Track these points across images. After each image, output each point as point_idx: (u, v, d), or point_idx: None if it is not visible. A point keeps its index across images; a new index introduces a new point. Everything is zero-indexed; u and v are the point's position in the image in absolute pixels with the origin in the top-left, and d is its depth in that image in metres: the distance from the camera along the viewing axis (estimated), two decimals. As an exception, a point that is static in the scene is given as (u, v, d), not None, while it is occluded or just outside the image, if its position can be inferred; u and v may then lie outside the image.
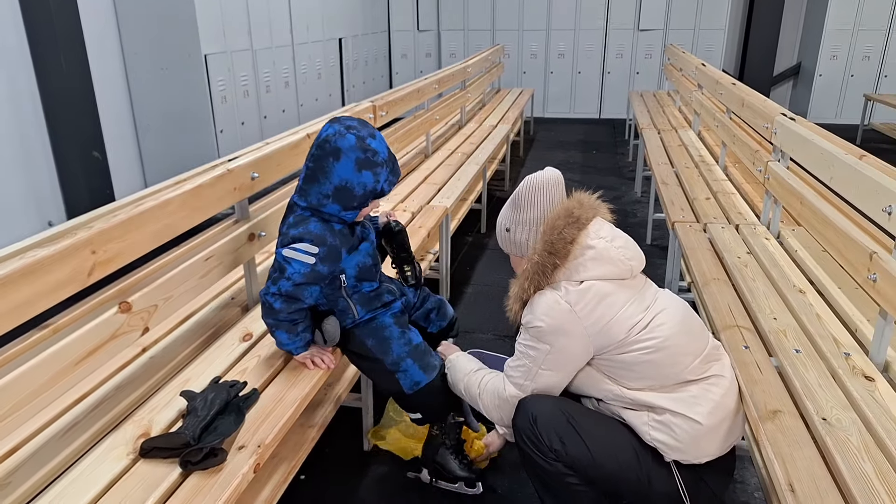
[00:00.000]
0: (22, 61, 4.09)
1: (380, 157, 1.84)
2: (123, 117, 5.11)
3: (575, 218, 1.75)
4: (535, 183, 1.82)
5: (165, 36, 4.98)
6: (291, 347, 1.97)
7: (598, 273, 1.74)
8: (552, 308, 1.73)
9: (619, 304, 1.73)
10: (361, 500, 2.28)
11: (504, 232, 1.89)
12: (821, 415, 1.65)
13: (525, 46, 9.46)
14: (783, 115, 2.96)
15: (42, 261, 1.39)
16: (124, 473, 1.54)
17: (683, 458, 1.73)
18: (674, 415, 1.70)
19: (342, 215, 1.89)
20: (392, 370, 2.02)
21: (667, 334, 1.72)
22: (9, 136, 4.05)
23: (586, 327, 1.72)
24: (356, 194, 1.84)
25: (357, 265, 1.98)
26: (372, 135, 1.86)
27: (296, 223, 1.88)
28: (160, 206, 1.78)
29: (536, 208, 1.82)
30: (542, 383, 1.82)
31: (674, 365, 1.73)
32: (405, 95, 4.15)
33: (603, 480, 1.78)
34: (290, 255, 1.84)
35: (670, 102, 6.76)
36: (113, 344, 1.63)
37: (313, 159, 1.87)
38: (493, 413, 1.94)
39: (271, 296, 1.87)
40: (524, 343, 1.81)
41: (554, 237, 1.74)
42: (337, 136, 1.82)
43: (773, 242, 2.81)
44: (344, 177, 1.82)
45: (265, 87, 6.07)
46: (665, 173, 4.12)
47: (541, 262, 1.74)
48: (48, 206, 4.38)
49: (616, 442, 1.76)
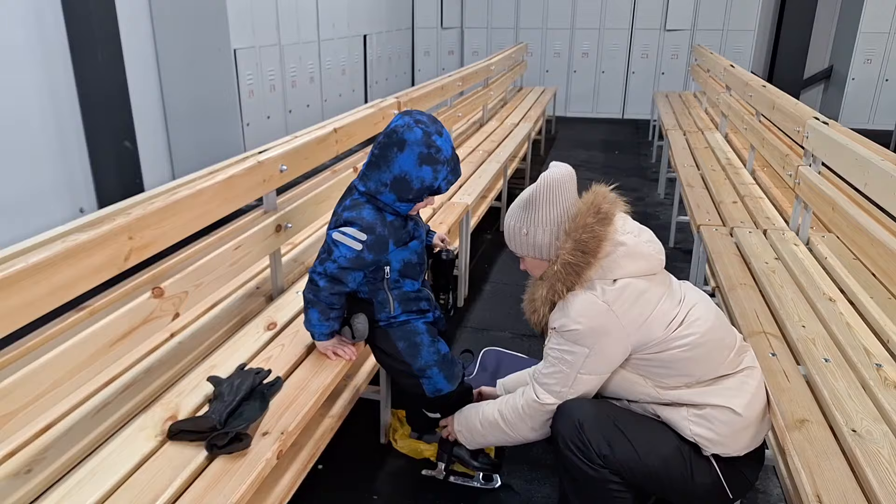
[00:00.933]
0: (61, 55, 4.19)
1: (443, 154, 1.86)
2: (154, 109, 5.19)
3: (603, 213, 1.71)
4: (552, 181, 1.76)
5: (197, 31, 5.05)
6: (318, 330, 1.99)
7: (632, 270, 1.71)
8: (589, 308, 1.68)
9: (654, 301, 1.70)
10: (377, 491, 2.29)
11: (520, 235, 1.79)
12: (850, 426, 1.63)
13: (549, 45, 9.43)
14: (815, 118, 2.92)
15: (83, 245, 1.42)
16: (153, 454, 1.58)
17: (723, 452, 1.72)
18: (714, 408, 1.70)
19: (396, 206, 1.91)
20: (417, 375, 2.04)
21: (704, 329, 1.71)
22: (45, 126, 4.15)
23: (625, 326, 1.68)
24: (413, 187, 1.86)
25: (403, 260, 2.00)
26: (439, 132, 1.87)
27: (351, 206, 1.92)
28: (194, 195, 1.81)
29: (557, 207, 1.75)
30: (581, 388, 1.77)
31: (711, 360, 1.73)
32: (429, 92, 4.16)
33: (648, 482, 1.75)
34: (338, 239, 1.87)
35: (696, 104, 6.71)
36: (145, 327, 1.66)
37: (379, 147, 1.88)
38: (522, 427, 1.86)
39: (317, 274, 1.91)
40: (559, 348, 1.75)
41: (585, 235, 1.68)
42: (405, 129, 1.84)
43: (802, 249, 2.78)
44: (404, 168, 1.84)
45: (291, 82, 6.11)
46: (690, 175, 4.09)
47: (573, 261, 1.68)
48: (80, 194, 4.46)
49: (659, 441, 1.74)
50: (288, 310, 2.32)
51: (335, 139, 2.72)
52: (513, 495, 2.26)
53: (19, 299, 1.27)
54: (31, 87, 4.02)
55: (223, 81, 5.15)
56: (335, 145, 2.73)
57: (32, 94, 4.03)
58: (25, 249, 1.47)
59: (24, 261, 1.30)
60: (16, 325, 1.28)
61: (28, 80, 3.99)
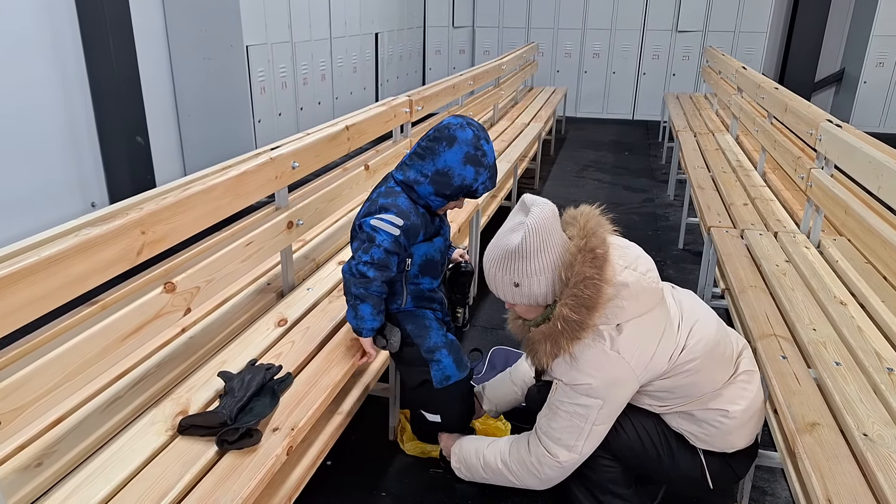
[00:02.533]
0: (73, 49, 4.21)
1: (487, 160, 1.92)
2: (166, 105, 5.21)
3: (592, 253, 1.58)
4: (539, 227, 1.61)
5: (209, 27, 5.07)
6: (369, 325, 1.97)
7: (637, 311, 1.63)
8: (600, 361, 1.62)
9: (657, 335, 1.65)
10: (385, 488, 2.30)
11: (511, 288, 1.66)
12: (861, 430, 1.62)
13: (560, 45, 9.41)
14: (829, 121, 2.91)
15: (96, 239, 1.42)
16: (163, 448, 1.59)
17: (710, 448, 1.73)
18: (706, 411, 1.71)
19: (431, 199, 1.95)
20: (427, 358, 2.04)
21: (705, 351, 1.69)
22: (58, 120, 4.17)
23: (634, 369, 1.63)
24: (453, 183, 1.91)
25: (424, 255, 2.01)
26: (487, 139, 1.93)
27: (386, 193, 1.95)
28: (206, 190, 1.82)
29: (548, 253, 1.62)
30: (595, 440, 1.72)
31: (712, 379, 1.73)
32: (440, 91, 4.16)
33: (629, 458, 1.78)
34: (377, 225, 1.89)
35: (707, 105, 6.68)
36: (157, 322, 1.67)
37: (427, 139, 1.93)
38: (530, 479, 1.82)
39: (364, 265, 1.89)
40: (570, 402, 1.68)
41: (579, 287, 1.56)
42: (457, 127, 1.90)
43: (813, 251, 2.76)
44: (449, 163, 1.89)
45: (303, 80, 6.12)
46: (701, 177, 4.08)
47: (576, 319, 1.58)
48: (92, 188, 4.48)
49: (641, 421, 1.76)
50: (298, 306, 2.33)
51: (346, 136, 2.73)
52: (520, 495, 2.26)
53: (32, 292, 1.28)
54: (44, 82, 4.05)
55: (235, 78, 5.17)
56: (346, 142, 2.74)
57: (45, 89, 4.06)
58: (38, 243, 1.48)
59: (38, 254, 1.31)
60: (28, 318, 1.29)
61: (41, 76, 4.02)
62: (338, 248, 2.91)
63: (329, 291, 2.47)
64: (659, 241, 4.63)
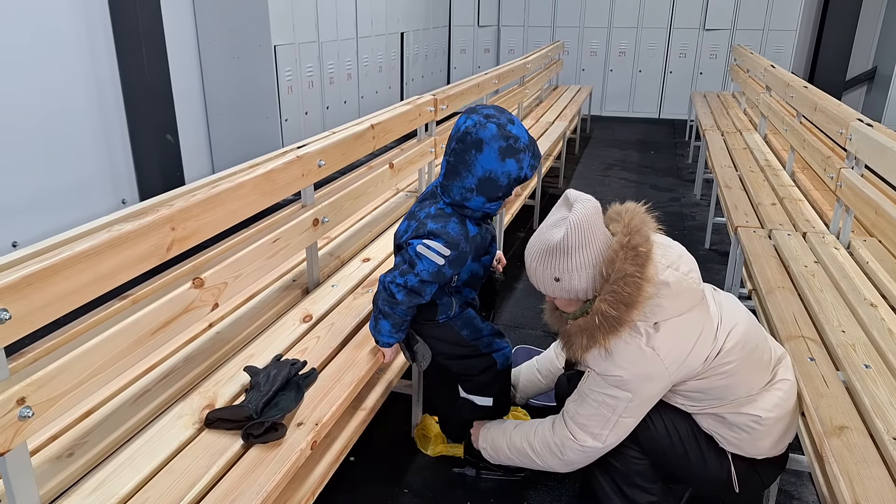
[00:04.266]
0: (106, 50, 4.30)
1: (521, 142, 1.78)
2: (196, 104, 5.29)
3: (634, 251, 1.58)
4: (582, 223, 1.61)
5: (238, 27, 5.13)
6: (386, 340, 1.99)
7: (677, 310, 1.63)
8: (635, 356, 1.63)
9: (694, 335, 1.64)
10: (408, 484, 2.31)
11: (552, 282, 1.68)
12: (891, 434, 1.59)
13: (585, 43, 9.36)
14: (859, 120, 2.86)
15: (127, 235, 1.45)
16: (190, 441, 1.62)
17: (739, 453, 1.72)
18: (737, 415, 1.70)
19: (487, 208, 1.85)
20: (487, 352, 2.07)
21: (742, 355, 1.68)
22: (90, 119, 4.26)
23: (668, 367, 1.63)
24: (501, 184, 1.79)
25: (471, 272, 2.00)
26: (511, 121, 1.79)
27: (437, 217, 1.86)
28: (235, 187, 1.84)
29: (590, 249, 1.62)
30: (621, 431, 1.73)
31: (747, 383, 1.72)
32: (465, 90, 4.15)
33: (656, 452, 1.77)
34: (422, 252, 1.82)
35: (735, 104, 6.59)
36: (185, 317, 1.69)
37: (454, 154, 1.81)
38: (554, 462, 1.85)
39: (395, 286, 1.87)
40: (600, 391, 1.70)
41: (619, 283, 1.57)
42: (478, 128, 1.76)
43: (842, 252, 2.72)
44: (488, 168, 1.77)
45: (329, 79, 6.17)
46: (728, 176, 4.03)
47: (615, 315, 1.59)
48: (123, 186, 4.57)
49: (672, 418, 1.75)
50: (323, 303, 2.35)
51: (372, 135, 2.75)
52: (542, 493, 2.26)
53: (65, 287, 1.31)
54: (78, 81, 4.13)
55: (263, 77, 5.23)
56: (372, 141, 2.76)
57: (79, 87, 4.14)
58: (71, 238, 1.52)
59: (71, 249, 1.33)
60: (61, 311, 1.31)
61: (75, 75, 4.10)
62: (362, 246, 2.94)
63: (353, 288, 2.49)
64: (685, 241, 4.54)
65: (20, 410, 1.22)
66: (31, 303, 1.23)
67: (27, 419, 1.24)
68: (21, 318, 1.21)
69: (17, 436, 1.22)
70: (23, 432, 1.24)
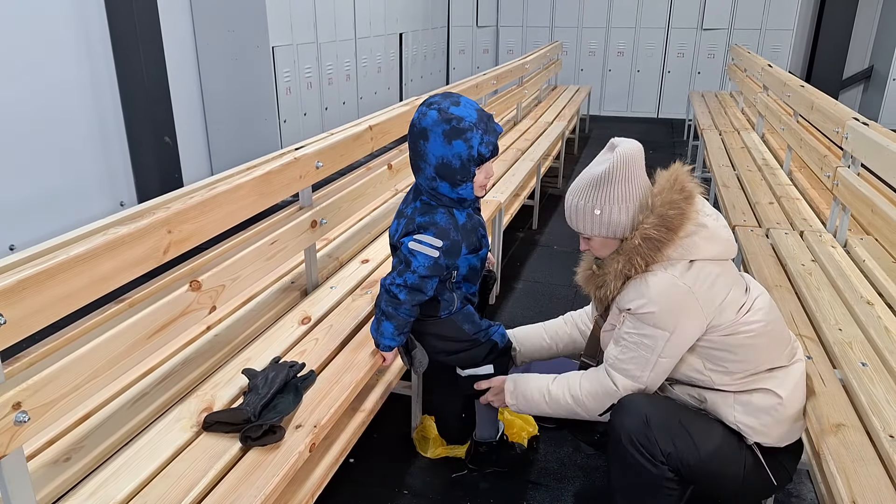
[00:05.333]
0: (103, 51, 4.30)
1: (465, 122, 1.76)
2: (194, 105, 5.29)
3: (688, 192, 1.66)
4: (628, 156, 1.67)
5: (236, 28, 5.14)
6: (388, 343, 1.98)
7: (711, 253, 1.68)
8: (670, 289, 1.64)
9: (727, 286, 1.68)
10: (407, 486, 2.31)
11: (591, 215, 1.70)
12: (888, 431, 1.60)
13: (584, 44, 9.37)
14: (855, 119, 2.86)
15: (123, 237, 1.45)
16: (188, 444, 1.61)
17: (765, 441, 1.71)
18: (759, 392, 1.70)
19: (458, 193, 1.86)
20: (485, 340, 2.09)
21: (767, 318, 1.70)
22: (88, 121, 4.26)
23: (703, 307, 1.65)
24: (455, 167, 1.80)
25: (469, 266, 2.00)
26: (455, 102, 1.79)
27: (423, 210, 1.89)
28: (232, 190, 1.84)
29: (634, 183, 1.67)
30: (660, 371, 1.74)
31: (771, 350, 1.72)
32: (463, 90, 4.16)
33: (702, 477, 1.74)
34: (415, 248, 1.84)
35: (733, 104, 6.60)
36: (183, 320, 1.69)
37: (410, 148, 1.87)
38: (597, 408, 1.82)
39: (396, 287, 1.88)
40: (637, 332, 1.70)
41: (672, 211, 1.64)
42: (420, 117, 1.80)
43: (839, 251, 2.72)
44: (438, 154, 1.79)
45: (328, 80, 6.17)
46: (726, 176, 4.04)
47: (656, 236, 1.63)
48: (121, 187, 4.57)
49: (713, 436, 1.72)
50: (322, 304, 2.35)
51: (370, 136, 2.75)
52: (542, 492, 2.26)
53: (61, 290, 1.30)
54: (75, 82, 4.13)
55: (261, 79, 5.23)
56: (370, 142, 2.76)
57: (76, 89, 4.14)
58: (67, 241, 1.51)
59: (66, 253, 1.33)
60: (57, 315, 1.31)
61: (72, 76, 4.10)
62: (361, 247, 2.94)
63: (352, 290, 2.49)
64: (683, 241, 4.58)
65: (16, 415, 1.22)
66: (27, 307, 1.23)
67: (23, 424, 1.23)
68: (17, 322, 1.21)
69: (12, 441, 1.22)
70: (19, 437, 1.23)
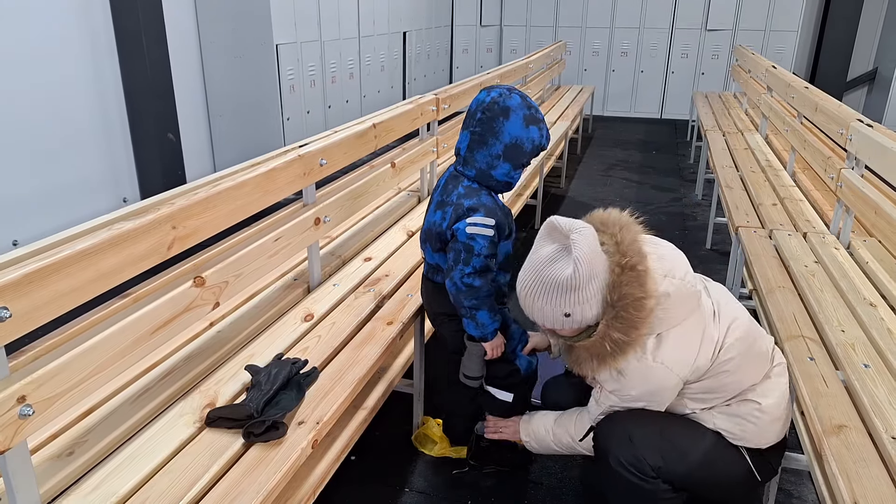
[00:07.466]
0: (107, 48, 4.31)
1: (540, 114, 1.93)
2: (198, 102, 5.30)
3: (634, 271, 1.55)
4: (588, 256, 1.55)
5: (240, 26, 5.15)
6: (492, 328, 1.98)
7: (681, 316, 1.63)
8: (647, 374, 1.64)
9: (698, 338, 1.64)
10: (409, 483, 2.31)
11: (561, 318, 1.61)
12: (890, 433, 1.60)
13: (587, 44, 9.36)
14: (859, 120, 2.86)
15: (128, 233, 1.45)
16: (191, 440, 1.62)
17: (748, 445, 1.73)
18: (742, 402, 1.71)
19: (512, 176, 1.94)
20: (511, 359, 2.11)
21: (741, 348, 1.68)
22: (92, 117, 4.27)
23: (678, 374, 1.65)
24: (526, 150, 1.90)
25: (505, 253, 2.02)
26: (528, 96, 1.93)
27: (467, 194, 1.94)
28: (236, 186, 1.84)
29: (597, 277, 1.57)
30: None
31: (749, 374, 1.72)
32: (467, 89, 4.15)
33: (695, 484, 1.76)
34: (473, 232, 1.88)
35: (736, 105, 6.59)
36: (187, 315, 1.70)
37: (479, 123, 1.90)
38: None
39: (469, 277, 1.89)
40: (618, 402, 1.75)
41: (627, 310, 1.55)
42: (503, 97, 1.88)
43: (842, 252, 2.72)
44: (514, 134, 1.88)
45: (331, 78, 6.17)
46: (729, 177, 4.03)
47: (625, 339, 1.58)
48: (124, 184, 4.58)
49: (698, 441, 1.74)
50: (325, 301, 2.35)
51: (374, 134, 2.75)
52: (542, 492, 2.26)
53: (65, 285, 1.31)
54: (79, 80, 4.14)
55: (265, 76, 5.24)
56: (374, 140, 2.76)
57: (80, 87, 4.15)
58: (73, 236, 1.52)
59: (72, 247, 1.33)
60: (62, 309, 1.31)
61: (76, 74, 4.11)
62: (364, 245, 2.94)
63: (355, 287, 2.50)
64: (686, 241, 4.58)
65: (20, 409, 1.23)
66: (32, 301, 1.24)
67: (27, 417, 1.24)
68: (21, 316, 1.22)
69: (17, 434, 1.22)
70: (23, 431, 1.24)
